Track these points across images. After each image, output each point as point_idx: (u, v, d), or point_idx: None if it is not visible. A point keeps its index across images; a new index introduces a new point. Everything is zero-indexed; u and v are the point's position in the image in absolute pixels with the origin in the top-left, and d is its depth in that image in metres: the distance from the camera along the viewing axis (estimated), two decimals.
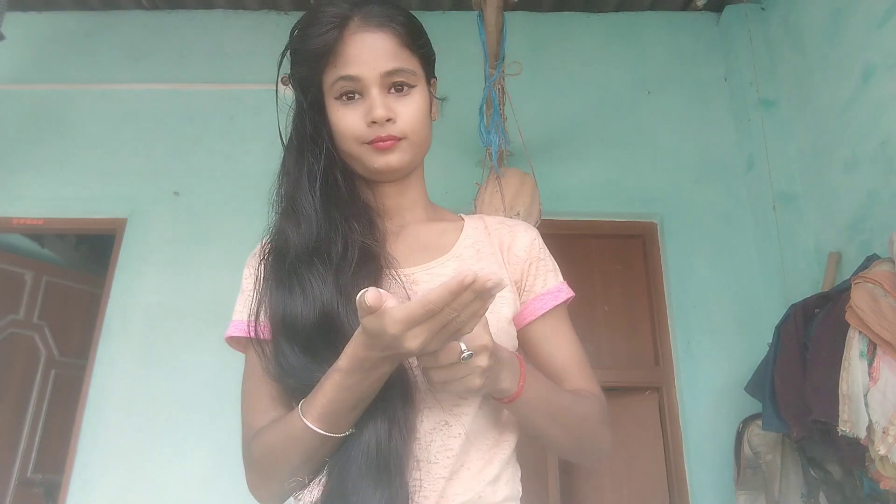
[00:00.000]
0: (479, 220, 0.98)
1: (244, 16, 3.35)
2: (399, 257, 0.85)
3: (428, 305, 0.59)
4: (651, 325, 2.83)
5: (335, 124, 0.85)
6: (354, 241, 0.82)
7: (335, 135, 0.86)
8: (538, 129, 2.83)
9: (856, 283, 1.84)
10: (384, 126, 0.82)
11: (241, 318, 0.89)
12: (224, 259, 2.81)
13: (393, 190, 0.92)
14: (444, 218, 0.98)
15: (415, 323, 0.60)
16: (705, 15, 3.30)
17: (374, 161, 0.84)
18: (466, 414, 0.80)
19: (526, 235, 0.95)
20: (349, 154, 0.86)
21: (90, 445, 2.57)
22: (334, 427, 0.71)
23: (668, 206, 2.94)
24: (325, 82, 0.85)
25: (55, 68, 3.22)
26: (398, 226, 0.92)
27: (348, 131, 0.84)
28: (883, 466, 1.67)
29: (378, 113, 0.82)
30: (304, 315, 0.77)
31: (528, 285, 0.91)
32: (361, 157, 0.85)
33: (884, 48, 2.28)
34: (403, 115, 0.84)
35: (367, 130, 0.83)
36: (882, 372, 1.70)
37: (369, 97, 0.83)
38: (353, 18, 0.83)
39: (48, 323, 3.63)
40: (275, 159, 0.96)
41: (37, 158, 3.03)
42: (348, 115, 0.84)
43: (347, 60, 0.83)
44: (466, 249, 0.91)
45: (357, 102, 0.84)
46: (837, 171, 2.52)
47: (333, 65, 0.83)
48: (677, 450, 2.61)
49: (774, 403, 2.07)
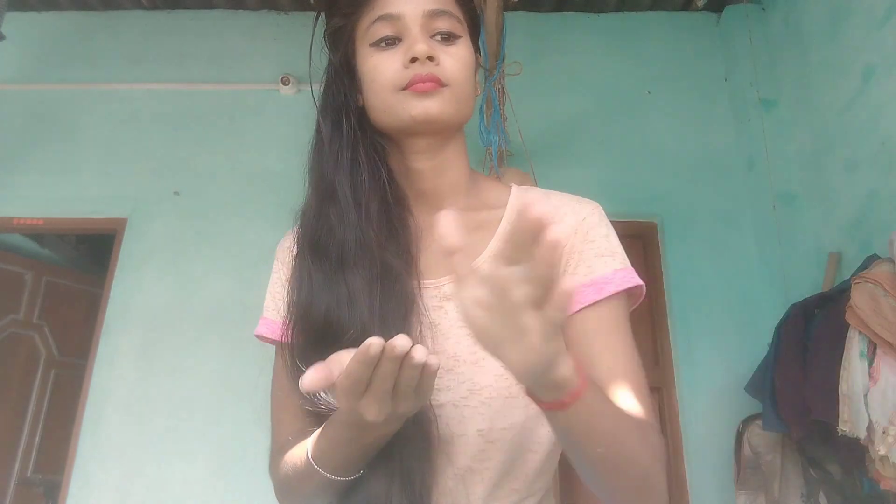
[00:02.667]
0: (524, 202, 0.83)
1: (244, 16, 3.35)
2: (429, 264, 0.75)
3: (350, 377, 0.55)
4: (651, 325, 2.83)
5: (368, 73, 0.73)
6: (385, 258, 0.71)
7: (369, 87, 0.74)
8: (538, 129, 2.83)
9: (856, 283, 1.84)
10: (425, 64, 0.70)
11: (273, 319, 0.81)
12: (224, 259, 2.82)
13: (429, 170, 0.77)
14: (485, 199, 0.81)
15: (355, 395, 0.56)
16: (705, 15, 3.30)
17: (412, 107, 0.71)
18: (492, 458, 0.71)
19: (573, 216, 0.78)
20: (384, 109, 0.73)
21: (90, 445, 2.58)
22: (340, 472, 0.66)
23: (668, 206, 2.94)
24: (359, 30, 0.75)
25: (55, 68, 3.22)
26: (432, 216, 0.75)
27: (384, 77, 0.72)
28: (883, 466, 1.67)
29: (420, 47, 0.70)
30: (350, 325, 0.69)
31: (568, 272, 0.74)
32: (397, 109, 0.72)
33: (884, 48, 2.28)
34: (446, 62, 0.72)
35: (405, 72, 0.71)
36: (882, 372, 1.70)
37: (409, 37, 0.72)
38: None
39: (48, 323, 3.63)
40: (275, 159, 0.95)
41: (37, 158, 3.03)
42: (385, 59, 0.72)
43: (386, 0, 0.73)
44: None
45: (395, 48, 0.72)
46: (837, 171, 2.52)
47: (371, 7, 0.73)
48: (677, 450, 2.61)
49: (774, 403, 2.07)
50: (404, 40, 0.72)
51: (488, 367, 0.70)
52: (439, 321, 0.73)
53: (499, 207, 0.80)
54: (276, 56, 3.19)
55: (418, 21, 0.72)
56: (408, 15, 0.72)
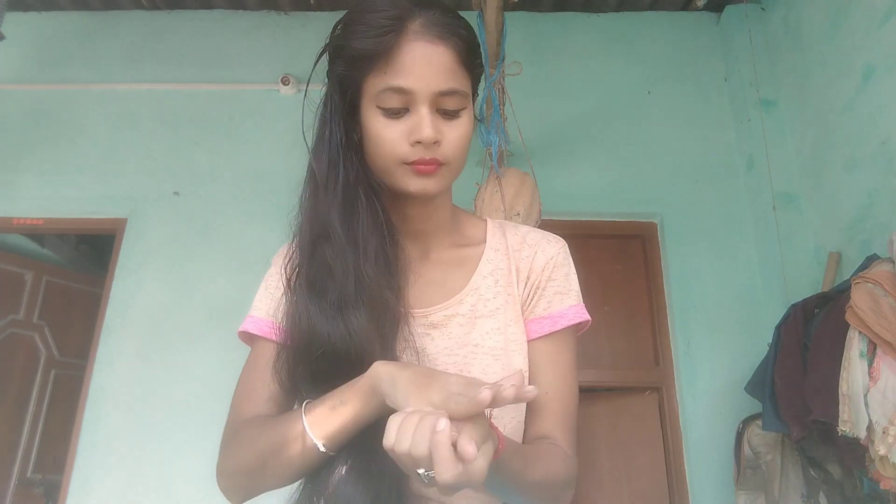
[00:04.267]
0: (501, 237, 0.91)
1: (244, 16, 3.35)
2: (417, 295, 0.83)
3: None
4: (651, 325, 2.83)
5: (375, 136, 0.77)
6: (379, 288, 0.77)
7: (372, 147, 0.78)
8: (538, 129, 2.83)
9: (856, 283, 1.84)
10: (429, 148, 0.75)
11: (262, 317, 0.86)
12: (224, 259, 2.82)
13: (419, 213, 0.86)
14: (466, 236, 0.91)
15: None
16: (705, 15, 3.30)
17: (411, 184, 0.77)
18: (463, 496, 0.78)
19: (543, 255, 0.88)
20: (383, 170, 0.78)
21: (90, 445, 2.58)
22: (332, 442, 0.70)
23: (668, 206, 2.94)
24: (367, 86, 0.77)
25: (55, 68, 3.22)
26: (421, 251, 0.87)
27: (389, 148, 0.76)
28: (883, 466, 1.67)
29: (427, 133, 0.74)
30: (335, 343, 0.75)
31: (531, 306, 0.86)
32: (396, 177, 0.78)
33: (884, 48, 2.28)
34: (449, 140, 0.77)
35: (409, 150, 0.76)
36: (882, 372, 1.70)
37: (417, 114, 0.75)
38: (413, 22, 0.75)
39: (48, 323, 3.63)
40: (275, 159, 0.95)
41: (37, 158, 3.03)
42: (391, 129, 0.76)
43: (400, 69, 0.74)
44: (485, 280, 0.87)
45: (402, 118, 0.76)
46: (837, 171, 2.52)
47: (383, 70, 0.75)
48: (677, 450, 2.61)
49: (774, 403, 2.06)
50: (412, 113, 0.75)
51: None
52: (426, 347, 0.81)
53: (479, 244, 0.91)
54: (276, 56, 3.19)
55: (428, 99, 0.75)
56: (419, 92, 0.74)
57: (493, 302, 0.85)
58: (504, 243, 0.90)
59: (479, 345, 0.82)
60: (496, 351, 0.82)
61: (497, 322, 0.84)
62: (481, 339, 0.83)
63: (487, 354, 0.82)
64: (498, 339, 0.83)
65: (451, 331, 0.83)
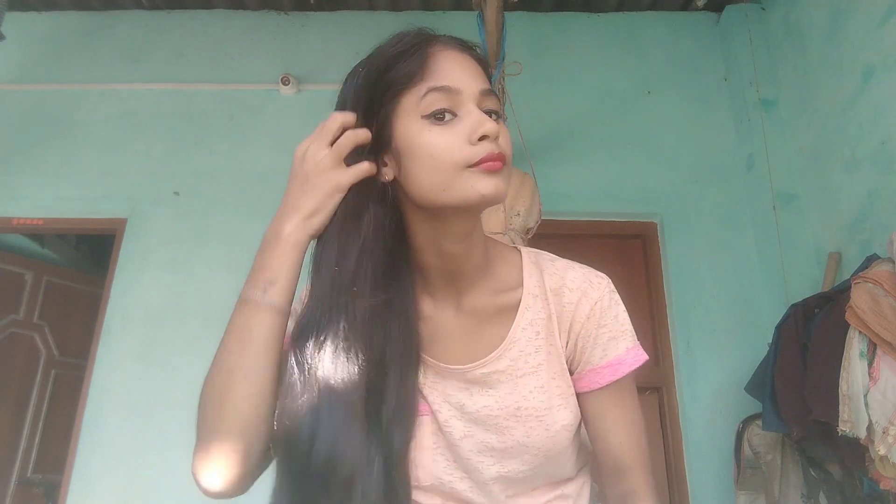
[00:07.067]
0: (538, 277, 0.83)
1: (244, 16, 3.35)
2: (453, 352, 0.80)
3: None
4: (651, 325, 2.83)
5: (427, 148, 0.69)
6: (403, 357, 0.76)
7: (422, 165, 0.69)
8: (538, 129, 2.83)
9: (856, 283, 1.84)
10: (494, 142, 0.69)
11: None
12: (224, 259, 2.82)
13: (461, 252, 0.77)
14: (502, 280, 0.83)
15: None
16: (705, 15, 3.30)
17: (482, 186, 0.68)
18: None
19: (587, 302, 0.80)
20: (441, 186, 0.69)
21: (90, 445, 2.58)
22: (271, 289, 0.74)
23: (668, 206, 2.94)
24: (405, 101, 0.71)
25: (55, 68, 3.22)
26: (455, 300, 0.81)
27: (448, 155, 0.68)
28: (883, 466, 1.67)
29: (490, 126, 0.68)
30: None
31: (585, 356, 0.81)
32: (460, 186, 0.69)
33: (884, 48, 2.28)
34: (503, 140, 0.72)
35: (472, 150, 0.68)
36: (882, 372, 1.70)
37: (469, 114, 0.70)
38: (437, 41, 0.74)
39: (48, 323, 3.63)
40: (275, 159, 0.95)
41: (37, 158, 3.03)
42: (444, 136, 0.69)
43: (439, 73, 0.70)
44: (524, 332, 0.81)
45: (451, 123, 0.69)
46: (837, 171, 2.52)
47: (421, 77, 0.70)
48: (677, 450, 2.61)
49: (774, 403, 2.06)
50: (461, 116, 0.70)
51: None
52: (464, 403, 0.80)
53: (515, 288, 0.82)
54: (276, 56, 3.19)
55: (475, 97, 0.71)
56: (465, 90, 0.71)
57: (534, 357, 0.80)
58: (542, 286, 0.82)
59: (521, 406, 0.79)
60: (540, 411, 0.79)
61: (540, 380, 0.80)
62: (524, 399, 0.79)
63: (531, 416, 0.79)
64: (541, 399, 0.79)
65: (490, 390, 0.80)
